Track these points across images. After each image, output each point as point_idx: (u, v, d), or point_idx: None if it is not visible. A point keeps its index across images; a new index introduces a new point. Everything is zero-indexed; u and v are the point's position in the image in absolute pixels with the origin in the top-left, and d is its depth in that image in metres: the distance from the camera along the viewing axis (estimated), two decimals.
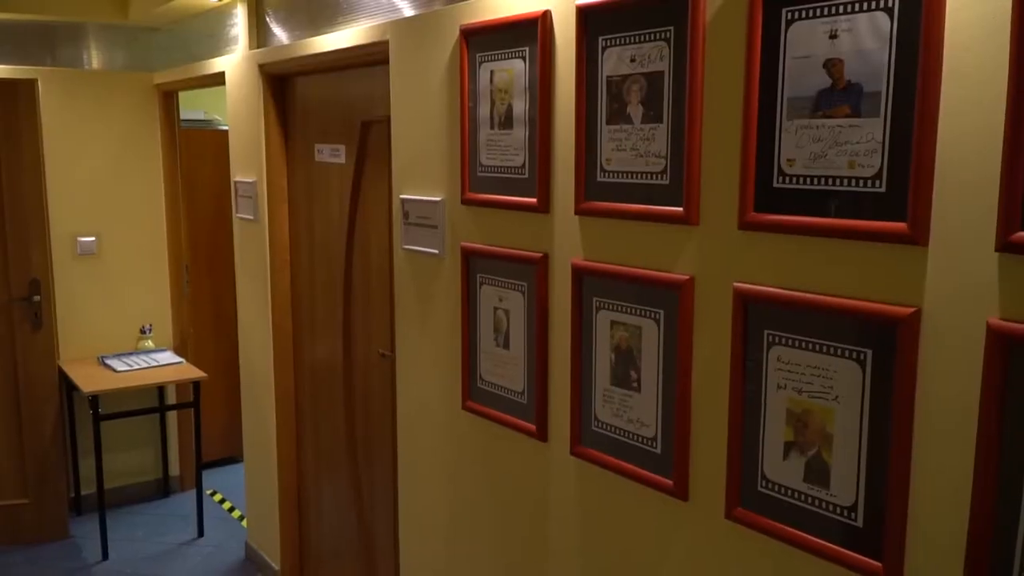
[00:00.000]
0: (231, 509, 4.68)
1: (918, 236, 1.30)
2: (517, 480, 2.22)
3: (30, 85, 4.02)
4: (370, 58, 2.74)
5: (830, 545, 1.47)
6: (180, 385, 4.51)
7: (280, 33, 3.31)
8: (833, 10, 1.38)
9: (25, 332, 4.10)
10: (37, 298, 4.08)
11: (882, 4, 1.31)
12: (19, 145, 4.00)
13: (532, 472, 2.16)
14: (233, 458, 5.14)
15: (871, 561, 1.41)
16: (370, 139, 2.92)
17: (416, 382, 2.61)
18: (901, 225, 1.32)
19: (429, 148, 2.42)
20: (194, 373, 4.19)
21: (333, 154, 3.14)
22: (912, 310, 1.32)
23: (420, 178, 2.48)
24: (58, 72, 4.26)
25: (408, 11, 2.52)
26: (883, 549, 1.39)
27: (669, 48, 1.67)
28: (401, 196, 2.56)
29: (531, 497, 2.18)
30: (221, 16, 3.78)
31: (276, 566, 3.77)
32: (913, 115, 1.29)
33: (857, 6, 1.34)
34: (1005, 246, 1.20)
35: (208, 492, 4.86)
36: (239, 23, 3.57)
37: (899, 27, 1.30)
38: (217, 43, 3.85)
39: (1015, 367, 1.21)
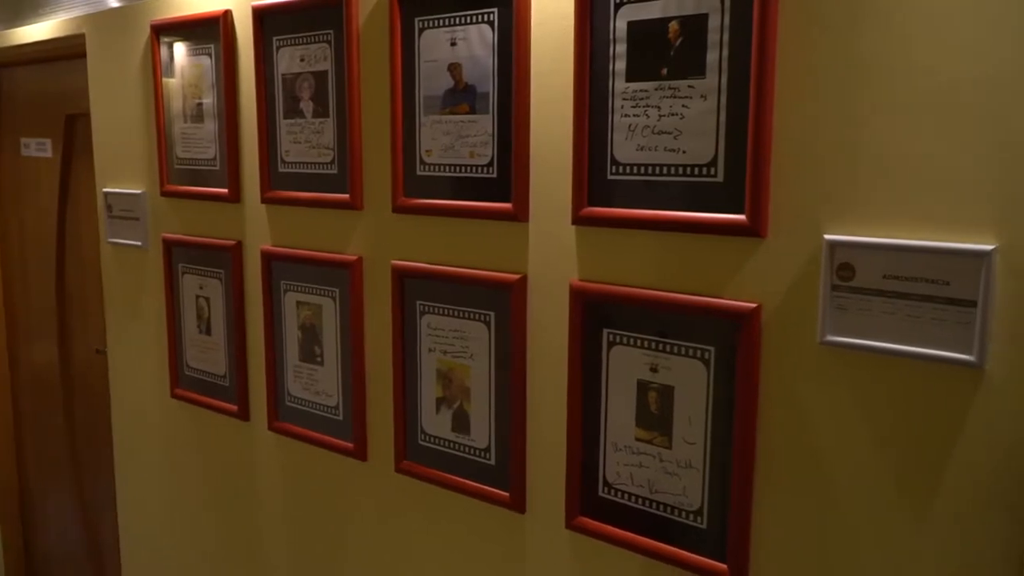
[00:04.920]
0: None
1: (520, 214, 1.55)
2: (226, 459, 2.31)
3: None
4: (71, 51, 2.71)
5: (474, 484, 1.70)
6: None
7: None
8: (452, 21, 1.60)
9: None
10: None
11: (486, 18, 1.55)
12: None
13: (239, 450, 2.26)
14: None
15: (501, 492, 1.65)
16: (76, 133, 2.89)
17: (128, 375, 2.62)
18: (507, 205, 1.56)
19: (129, 141, 2.45)
20: None
21: (39, 148, 3.05)
22: (519, 276, 1.57)
23: (122, 171, 2.50)
24: None
25: (113, 2, 2.52)
26: (510, 480, 1.63)
27: (331, 49, 1.84)
28: (104, 189, 2.56)
29: (240, 473, 2.28)
30: None
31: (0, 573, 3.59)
32: (512, 111, 1.53)
33: (468, 18, 1.57)
34: (577, 220, 1.46)
35: None
36: None
37: (499, 37, 1.54)
38: None
39: (589, 317, 1.48)
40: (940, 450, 1.16)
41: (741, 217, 1.28)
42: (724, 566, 1.36)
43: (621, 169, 1.41)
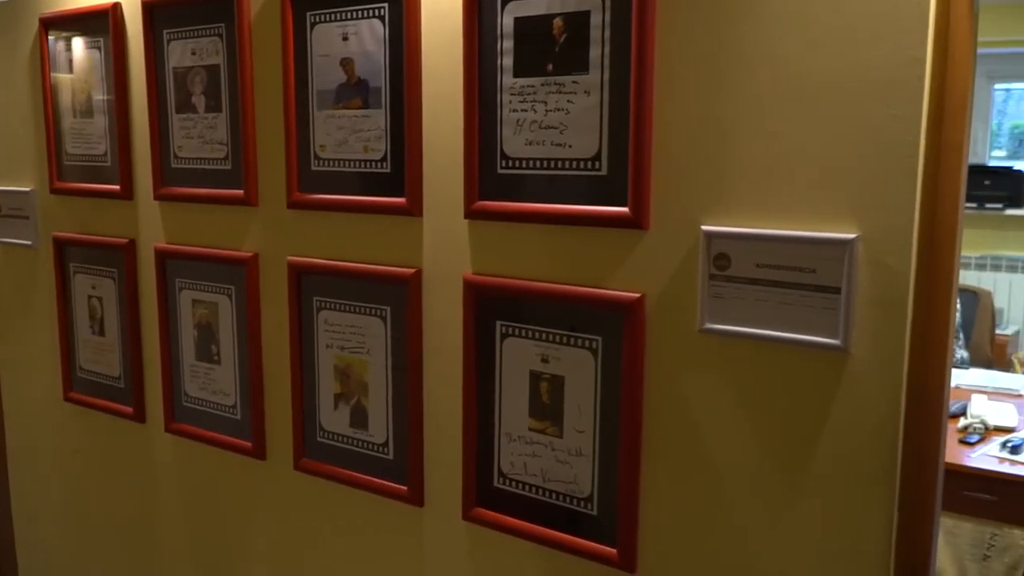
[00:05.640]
0: None
1: (414, 208, 1.55)
2: (123, 462, 2.25)
3: None
4: None
5: (372, 479, 1.70)
6: None
7: None
8: (343, 15, 1.60)
9: None
10: None
11: (377, 13, 1.55)
12: None
13: (135, 452, 2.21)
14: None
15: (399, 486, 1.66)
16: None
17: (19, 379, 2.53)
18: (402, 200, 1.56)
19: (17, 137, 2.36)
20: None
21: None
22: (414, 271, 1.58)
23: (10, 168, 2.41)
24: None
25: None
26: (407, 475, 1.64)
27: (223, 43, 1.81)
28: None
29: (138, 476, 2.22)
30: None
31: None
32: (404, 106, 1.54)
33: (359, 13, 1.57)
34: (469, 214, 1.48)
35: None
36: None
37: (390, 32, 1.54)
38: None
39: (482, 309, 1.50)
40: (812, 429, 1.22)
41: (624, 210, 1.31)
42: (614, 550, 1.39)
43: (511, 163, 1.43)
